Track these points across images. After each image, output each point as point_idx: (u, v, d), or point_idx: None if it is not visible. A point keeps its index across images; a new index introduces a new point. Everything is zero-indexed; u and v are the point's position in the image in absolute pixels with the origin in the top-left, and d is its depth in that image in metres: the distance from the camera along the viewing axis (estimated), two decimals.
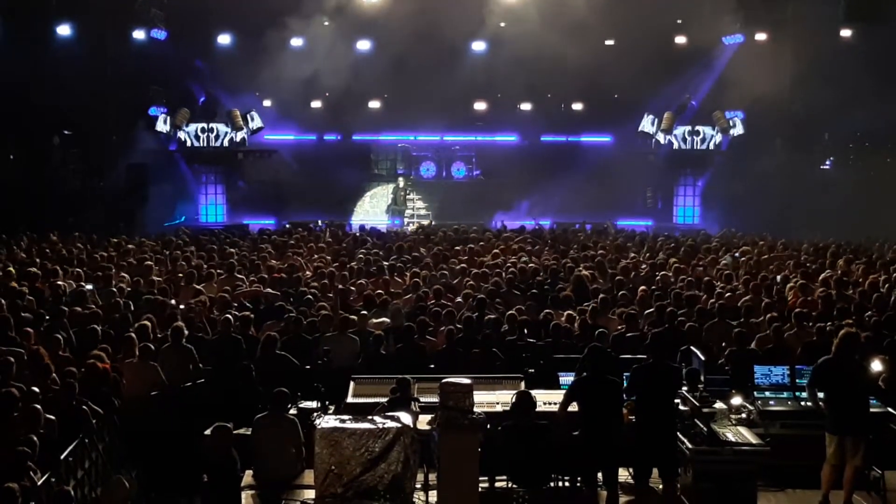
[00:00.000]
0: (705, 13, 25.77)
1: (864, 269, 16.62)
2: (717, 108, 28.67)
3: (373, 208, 30.93)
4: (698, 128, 29.13)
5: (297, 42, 27.91)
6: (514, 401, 9.16)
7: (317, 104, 30.31)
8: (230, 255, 17.97)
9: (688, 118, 29.59)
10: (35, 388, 9.41)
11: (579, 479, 9.28)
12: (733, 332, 11.71)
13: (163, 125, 28.10)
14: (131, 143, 26.99)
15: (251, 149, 29.78)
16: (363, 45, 28.36)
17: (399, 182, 30.52)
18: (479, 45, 28.80)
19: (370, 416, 8.91)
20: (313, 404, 10.16)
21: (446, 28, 26.27)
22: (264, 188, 30.10)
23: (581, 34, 24.10)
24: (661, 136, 29.00)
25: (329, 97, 29.86)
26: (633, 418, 9.07)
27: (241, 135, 28.80)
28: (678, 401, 9.24)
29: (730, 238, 22.10)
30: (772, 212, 25.02)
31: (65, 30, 25.72)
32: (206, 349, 11.70)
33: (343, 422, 8.82)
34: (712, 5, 25.73)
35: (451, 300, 14.12)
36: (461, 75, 27.85)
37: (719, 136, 28.93)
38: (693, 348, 11.00)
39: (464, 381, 8.72)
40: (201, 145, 28.93)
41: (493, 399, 10.03)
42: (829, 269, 16.57)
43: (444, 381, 8.76)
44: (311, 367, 11.04)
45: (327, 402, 10.29)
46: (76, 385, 9.73)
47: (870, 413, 9.29)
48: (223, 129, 28.83)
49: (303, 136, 30.83)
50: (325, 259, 17.81)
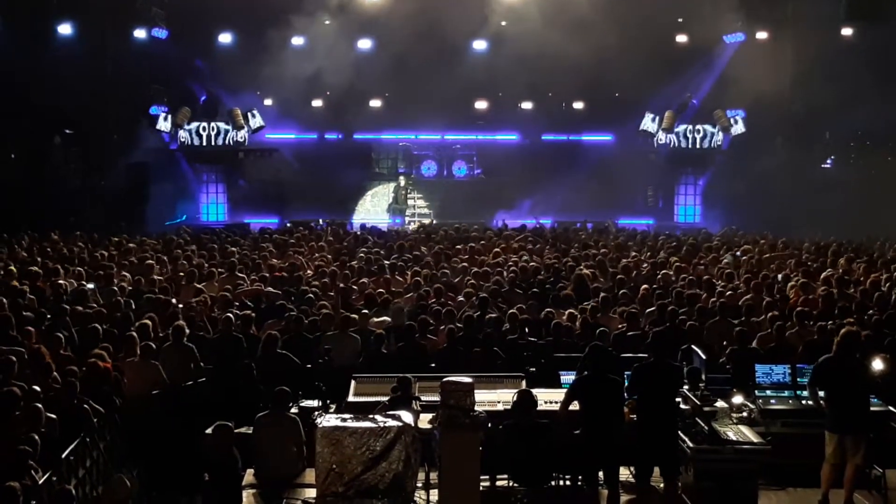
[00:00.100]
0: (706, 12, 25.73)
1: (866, 267, 16.61)
2: (718, 107, 28.66)
3: (374, 207, 30.91)
4: (699, 126, 29.12)
5: (298, 41, 27.91)
6: (515, 400, 9.16)
7: (318, 103, 30.32)
8: (231, 253, 17.98)
9: (689, 117, 29.58)
10: (36, 387, 9.41)
11: (580, 477, 9.30)
12: (734, 331, 11.70)
13: (164, 124, 28.11)
14: (132, 143, 27.01)
15: (252, 148, 29.76)
16: (364, 43, 28.34)
17: (400, 181, 30.51)
18: (480, 44, 28.77)
19: (371, 415, 8.91)
20: (314, 403, 10.16)
21: (447, 27, 26.26)
22: (265, 187, 30.07)
23: (582, 33, 24.06)
24: (662, 135, 28.99)
25: (330, 96, 29.85)
26: (635, 417, 9.07)
27: (242, 134, 28.79)
28: (679, 399, 9.24)
29: (731, 237, 22.10)
30: (773, 211, 24.99)
31: (65, 29, 25.76)
32: (207, 348, 11.71)
33: (344, 420, 8.82)
34: (713, 4, 25.70)
35: (452, 299, 14.13)
36: (462, 74, 27.80)
37: (720, 135, 28.92)
38: (694, 347, 11.01)
39: (465, 379, 8.72)
40: (202, 144, 28.93)
41: (494, 398, 10.02)
42: (831, 268, 16.56)
43: (445, 379, 8.75)
44: (312, 366, 11.05)
45: (328, 401, 10.28)
46: (77, 384, 9.74)
47: (870, 412, 9.29)
48: (224, 127, 28.83)
49: (304, 134, 30.81)
50: (326, 258, 17.84)
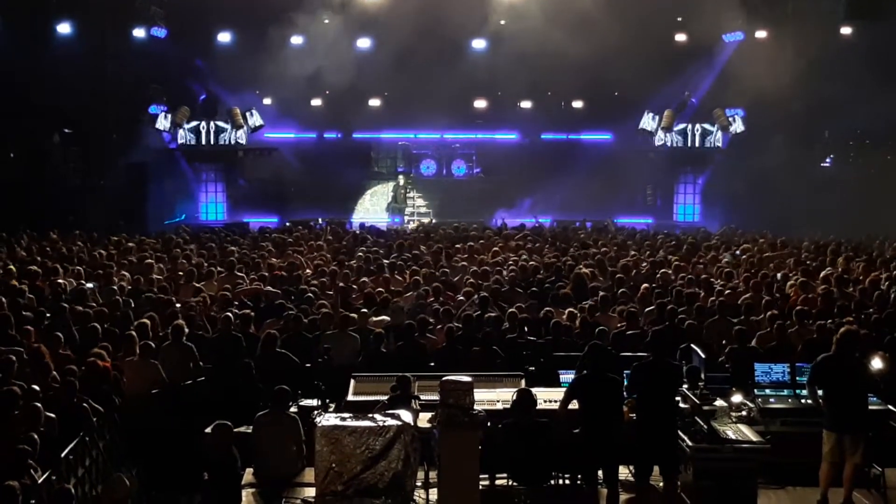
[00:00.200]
0: (706, 11, 25.71)
1: (865, 266, 16.60)
2: (718, 106, 28.67)
3: (373, 206, 30.90)
4: (699, 125, 29.13)
5: (297, 40, 27.91)
6: (514, 399, 9.16)
7: (317, 102, 30.33)
8: (230, 253, 17.97)
9: (688, 116, 29.60)
10: (35, 387, 9.42)
11: (580, 476, 9.30)
12: (734, 330, 11.69)
13: (163, 123, 28.10)
14: (131, 142, 27.00)
15: (251, 147, 29.76)
16: (363, 42, 28.35)
17: (399, 180, 30.50)
18: (479, 43, 28.78)
19: (371, 414, 8.92)
20: (314, 402, 10.17)
21: (447, 26, 26.27)
22: (264, 186, 30.09)
23: (581, 32, 24.05)
24: (661, 134, 28.99)
25: (329, 95, 29.85)
26: (634, 416, 9.07)
27: (241, 133, 28.79)
28: (679, 398, 9.23)
29: (730, 235, 22.09)
30: (772, 210, 24.97)
31: (65, 28, 25.74)
32: (206, 347, 11.70)
33: (343, 420, 8.83)
34: (713, 3, 25.67)
35: (451, 298, 14.13)
36: (461, 73, 27.81)
37: (720, 134, 28.93)
38: (693, 346, 11.01)
39: (464, 378, 8.72)
40: (201, 143, 28.92)
41: (493, 397, 10.03)
42: (830, 267, 16.55)
43: (444, 378, 8.75)
44: (311, 365, 11.04)
45: (328, 400, 10.29)
46: (77, 383, 9.74)
47: (868, 410, 9.29)
48: (223, 127, 28.82)
49: (303, 134, 30.82)
50: (326, 257, 17.84)
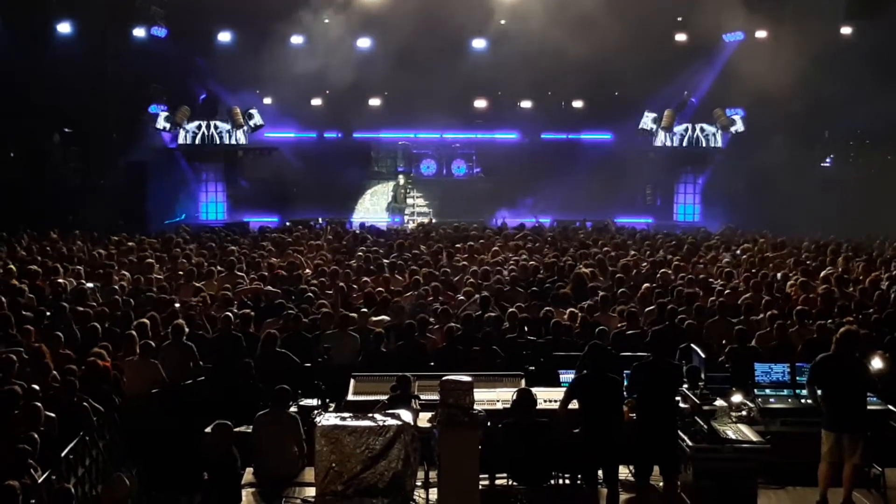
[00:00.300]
0: (706, 10, 25.70)
1: (865, 266, 16.60)
2: (718, 106, 28.66)
3: (373, 206, 30.89)
4: (699, 125, 29.12)
5: (297, 39, 27.93)
6: (514, 398, 9.16)
7: (317, 102, 30.32)
8: (230, 252, 17.97)
9: (688, 115, 29.59)
10: (35, 386, 9.42)
11: (580, 476, 9.30)
12: (734, 330, 11.69)
13: (163, 123, 28.10)
14: (132, 141, 26.99)
15: (252, 147, 29.74)
16: (363, 42, 28.35)
17: (399, 180, 30.48)
18: (479, 43, 28.76)
19: (371, 414, 8.93)
20: (314, 402, 10.17)
21: (447, 26, 26.28)
22: (265, 186, 30.06)
23: (581, 32, 24.05)
24: (661, 134, 28.99)
25: (330, 95, 29.84)
26: (634, 416, 9.07)
27: (241, 132, 28.78)
28: (679, 398, 9.24)
29: (730, 235, 22.08)
30: (772, 209, 24.98)
31: (65, 28, 25.72)
32: (206, 347, 11.71)
33: (343, 419, 8.84)
34: (713, 3, 25.67)
35: (451, 297, 14.13)
36: (461, 73, 27.81)
37: (720, 134, 28.93)
38: (693, 346, 11.01)
39: (464, 378, 8.72)
40: (202, 143, 28.90)
41: (493, 397, 10.03)
42: (830, 267, 16.54)
43: (444, 378, 8.75)
44: (311, 365, 11.04)
45: (328, 400, 10.29)
46: (77, 383, 9.74)
47: (867, 410, 9.29)
48: (224, 126, 28.81)
49: (303, 133, 30.83)
50: (326, 257, 17.84)
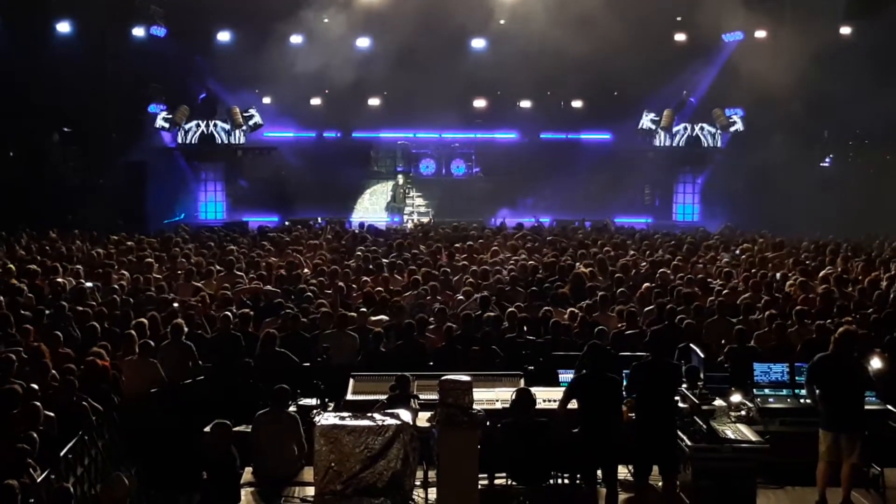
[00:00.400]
0: (705, 10, 25.72)
1: (864, 266, 16.60)
2: (717, 106, 28.67)
3: (372, 206, 30.87)
4: (698, 125, 29.12)
5: (296, 39, 27.93)
6: (513, 398, 9.17)
7: (316, 101, 30.30)
8: (230, 252, 17.97)
9: (687, 115, 29.59)
10: (34, 385, 9.42)
11: (579, 476, 9.30)
12: (734, 330, 11.68)
13: (162, 122, 28.09)
14: (131, 141, 26.95)
15: (251, 146, 29.71)
16: (363, 42, 28.35)
17: (398, 179, 30.45)
18: (478, 43, 28.79)
19: (370, 414, 8.93)
20: (313, 401, 10.17)
21: (446, 25, 26.28)
22: (264, 186, 30.03)
23: (581, 31, 24.05)
24: (660, 134, 28.98)
25: (329, 94, 29.82)
26: (633, 416, 9.08)
27: (240, 132, 28.76)
28: (678, 398, 9.24)
29: (729, 235, 22.08)
30: (771, 209, 24.99)
31: (64, 27, 25.72)
32: (205, 346, 11.70)
33: (343, 419, 8.84)
34: (712, 3, 25.68)
35: (450, 297, 14.13)
36: (461, 72, 27.81)
37: (719, 134, 28.92)
38: (692, 346, 11.01)
39: (463, 378, 8.73)
40: (201, 143, 28.88)
41: (492, 396, 10.04)
42: (830, 267, 16.53)
43: (443, 378, 8.76)
44: (310, 364, 11.04)
45: (327, 400, 10.29)
46: (76, 382, 9.75)
47: (865, 410, 9.30)
48: (223, 126, 28.80)
49: (302, 133, 30.81)
50: (325, 256, 17.83)
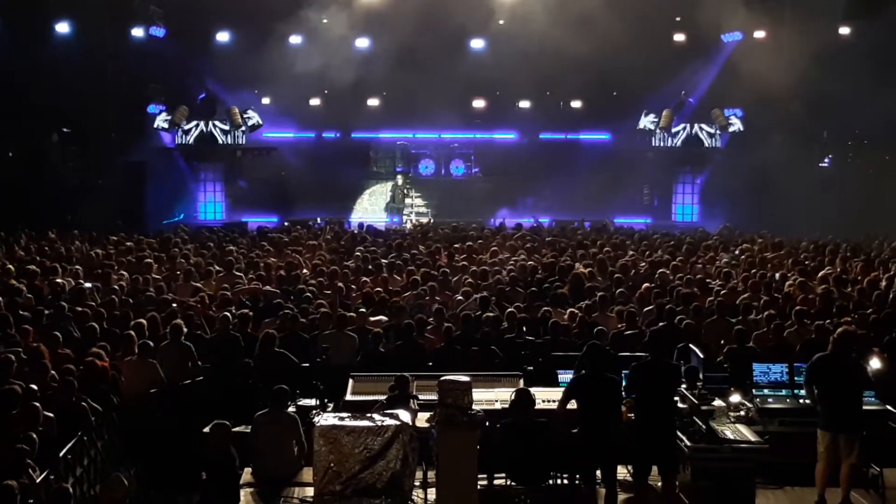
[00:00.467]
0: (704, 11, 25.73)
1: (863, 266, 16.61)
2: (716, 106, 28.66)
3: (372, 206, 30.84)
4: (697, 125, 29.12)
5: (296, 39, 27.91)
6: (512, 398, 9.17)
7: (316, 102, 30.27)
8: (229, 252, 17.97)
9: (686, 116, 29.58)
10: (34, 386, 9.41)
11: (578, 476, 9.30)
12: (734, 330, 11.68)
13: (161, 123, 28.07)
14: (130, 141, 26.94)
15: (250, 146, 29.70)
16: (362, 42, 28.33)
17: (398, 180, 30.42)
18: (477, 43, 28.78)
19: (369, 414, 8.93)
20: (312, 402, 10.17)
21: (445, 26, 26.27)
22: (263, 186, 30.00)
23: (580, 32, 24.05)
24: (659, 134, 28.98)
25: (328, 94, 29.81)
26: (632, 416, 9.08)
27: (239, 132, 28.75)
28: (677, 398, 9.24)
29: (728, 236, 22.08)
30: (771, 210, 25.00)
31: (63, 28, 25.72)
32: (204, 347, 11.71)
33: (342, 419, 8.85)
34: (711, 3, 25.69)
35: (448, 297, 14.12)
36: (460, 73, 27.79)
37: (718, 134, 28.92)
38: (692, 346, 11.01)
39: (462, 378, 8.73)
40: (200, 143, 28.86)
41: (491, 397, 10.04)
42: (829, 267, 16.54)
43: (442, 378, 8.76)
44: (309, 365, 11.04)
45: (326, 400, 10.30)
46: (75, 382, 9.74)
47: (863, 410, 9.30)
48: (222, 126, 28.78)
49: (302, 133, 30.78)
50: (324, 257, 17.83)
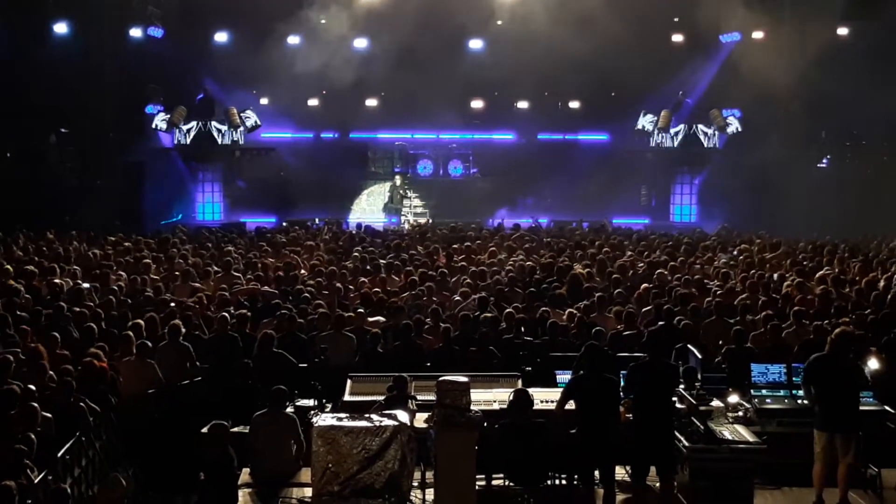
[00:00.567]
0: (703, 11, 25.75)
1: (861, 267, 16.61)
2: (715, 106, 28.68)
3: (370, 206, 30.87)
4: (695, 126, 29.13)
5: (294, 40, 27.92)
6: (511, 399, 9.17)
7: (314, 102, 30.28)
8: (227, 253, 17.96)
9: (684, 116, 29.59)
10: (32, 386, 9.40)
11: (576, 477, 9.29)
12: (732, 331, 11.67)
13: (160, 123, 28.06)
14: (128, 142, 26.96)
15: (248, 147, 29.69)
16: (360, 43, 28.32)
17: (396, 180, 30.45)
18: (476, 44, 28.80)
19: (367, 414, 8.93)
20: (310, 402, 10.17)
21: (444, 26, 26.31)
22: (262, 186, 29.99)
23: (578, 32, 24.07)
24: (658, 135, 28.99)
25: (326, 95, 29.83)
26: (631, 416, 9.08)
27: (238, 133, 28.75)
28: (675, 399, 9.23)
29: (726, 236, 22.09)
30: (769, 210, 25.03)
31: (62, 28, 25.70)
32: (203, 347, 11.70)
33: (340, 420, 8.85)
34: (710, 3, 25.72)
35: (446, 298, 14.12)
36: (458, 73, 27.81)
37: (716, 135, 28.94)
38: (690, 346, 11.01)
39: (461, 379, 8.74)
40: (198, 143, 28.84)
41: (490, 397, 10.04)
42: (827, 267, 16.54)
43: (441, 379, 8.77)
44: (308, 365, 11.04)
45: (324, 400, 10.29)
46: (73, 383, 9.74)
47: (859, 411, 9.30)
48: (220, 127, 28.77)
49: (300, 133, 30.80)
50: (322, 257, 17.82)
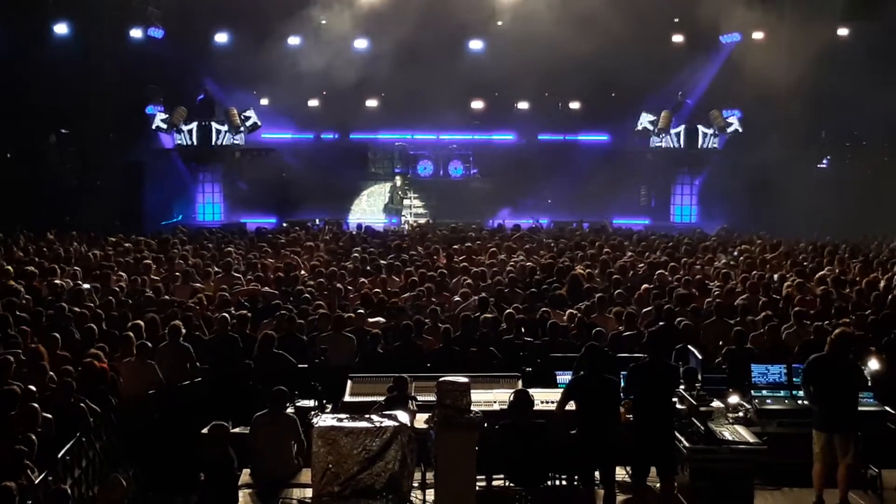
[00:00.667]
0: (703, 12, 25.76)
1: (861, 267, 16.62)
2: (715, 107, 28.68)
3: (370, 207, 30.88)
4: (695, 126, 29.13)
5: (294, 40, 27.93)
6: (511, 399, 9.17)
7: (314, 103, 30.26)
8: (227, 253, 17.97)
9: (684, 116, 29.60)
10: (32, 387, 9.40)
11: (577, 477, 9.29)
12: (733, 331, 11.67)
13: (160, 123, 28.06)
14: (128, 142, 26.95)
15: (248, 147, 29.69)
16: (360, 43, 28.33)
17: (396, 181, 30.43)
18: (476, 44, 28.81)
19: (367, 415, 8.93)
20: (310, 403, 10.17)
21: (444, 27, 26.28)
22: (262, 187, 29.98)
23: (578, 32, 24.07)
24: (658, 135, 29.00)
25: (327, 95, 29.82)
26: (631, 417, 9.08)
27: (238, 133, 28.75)
28: (675, 399, 9.24)
29: (726, 237, 22.10)
30: (769, 210, 25.03)
31: (62, 28, 25.70)
32: (203, 348, 11.70)
33: (340, 420, 8.84)
34: (710, 4, 25.73)
35: (446, 298, 14.12)
36: (459, 74, 27.81)
37: (716, 135, 28.95)
38: (690, 347, 11.01)
39: (461, 379, 8.74)
40: (198, 144, 28.85)
41: (490, 398, 10.04)
42: (828, 267, 16.54)
43: (441, 379, 8.77)
44: (308, 366, 11.04)
45: (324, 401, 10.29)
46: (73, 384, 9.74)
47: (858, 411, 9.31)
48: (220, 127, 28.77)
49: (300, 134, 30.79)
50: (322, 258, 17.83)
